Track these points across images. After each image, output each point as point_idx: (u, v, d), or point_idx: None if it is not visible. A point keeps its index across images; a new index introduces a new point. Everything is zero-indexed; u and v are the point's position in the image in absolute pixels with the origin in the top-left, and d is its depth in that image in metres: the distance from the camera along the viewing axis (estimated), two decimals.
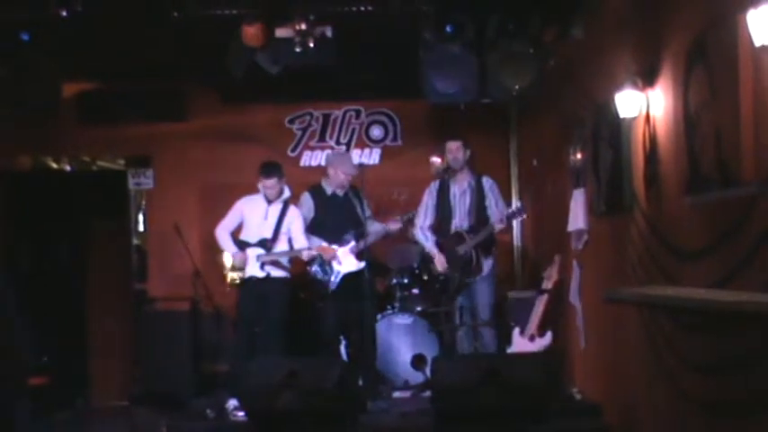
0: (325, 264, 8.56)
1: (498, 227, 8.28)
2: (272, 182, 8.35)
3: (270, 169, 8.40)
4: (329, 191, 8.78)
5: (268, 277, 8.35)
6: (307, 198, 8.79)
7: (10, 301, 6.42)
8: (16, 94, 7.66)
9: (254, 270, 8.36)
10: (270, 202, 8.43)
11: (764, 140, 4.13)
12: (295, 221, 8.48)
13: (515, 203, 9.57)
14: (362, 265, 8.56)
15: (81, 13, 7.28)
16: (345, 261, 8.58)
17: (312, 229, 8.67)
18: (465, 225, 8.46)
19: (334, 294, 8.60)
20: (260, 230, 8.42)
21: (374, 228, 8.75)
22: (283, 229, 8.42)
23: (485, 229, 8.33)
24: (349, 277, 8.56)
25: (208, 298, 9.30)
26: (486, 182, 8.56)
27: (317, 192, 8.81)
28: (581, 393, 7.87)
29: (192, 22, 7.75)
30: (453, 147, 8.46)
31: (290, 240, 8.46)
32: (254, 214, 8.47)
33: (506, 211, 8.39)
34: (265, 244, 8.37)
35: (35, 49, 7.58)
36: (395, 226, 8.78)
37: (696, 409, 5.10)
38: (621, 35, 6.59)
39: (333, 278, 8.57)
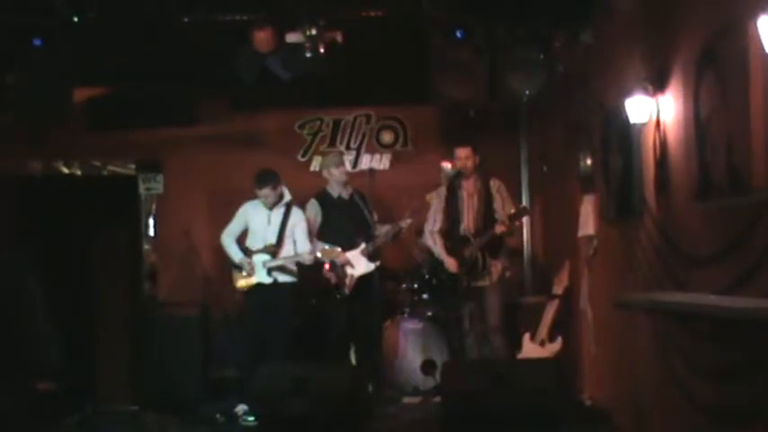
0: (339, 268, 8.57)
1: (500, 228, 8.24)
2: (265, 191, 8.30)
3: (261, 179, 8.31)
4: (335, 194, 8.81)
5: (275, 283, 8.35)
6: (314, 204, 8.79)
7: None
8: (28, 99, 7.69)
9: (261, 276, 8.35)
10: (270, 207, 8.43)
11: None
12: (299, 225, 8.45)
13: (520, 205, 9.52)
14: (375, 265, 8.61)
15: (92, 18, 7.32)
16: (358, 264, 8.59)
17: (321, 234, 8.68)
18: (472, 228, 8.43)
19: (346, 299, 8.61)
20: (264, 236, 8.39)
21: (383, 229, 8.76)
22: (287, 232, 8.40)
23: (489, 231, 8.31)
24: (361, 281, 8.58)
25: (217, 303, 9.30)
26: (494, 184, 8.52)
27: (323, 197, 8.83)
28: (591, 399, 7.86)
29: (203, 28, 7.78)
30: (463, 153, 8.43)
31: (295, 243, 8.44)
32: (257, 220, 8.45)
33: (508, 212, 8.35)
34: (271, 249, 8.37)
35: (47, 54, 7.60)
36: (405, 223, 8.75)
37: (706, 415, 5.09)
38: (631, 40, 6.58)
39: (348, 282, 8.58)
